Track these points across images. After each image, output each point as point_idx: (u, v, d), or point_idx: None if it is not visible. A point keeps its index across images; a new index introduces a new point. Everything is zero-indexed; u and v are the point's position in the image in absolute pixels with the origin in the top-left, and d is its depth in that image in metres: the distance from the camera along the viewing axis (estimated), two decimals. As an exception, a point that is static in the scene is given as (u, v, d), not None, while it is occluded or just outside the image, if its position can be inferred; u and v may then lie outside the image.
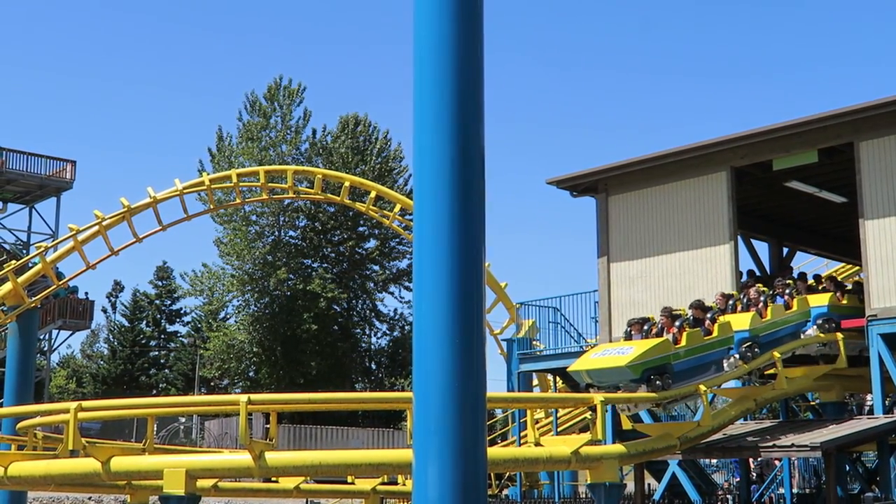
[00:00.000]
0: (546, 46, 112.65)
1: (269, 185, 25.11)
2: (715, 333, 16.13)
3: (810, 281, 20.18)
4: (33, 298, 22.02)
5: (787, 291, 18.59)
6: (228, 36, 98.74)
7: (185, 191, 22.89)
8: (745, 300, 17.90)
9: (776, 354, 17.33)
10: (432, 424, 5.71)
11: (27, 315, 22.06)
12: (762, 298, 17.75)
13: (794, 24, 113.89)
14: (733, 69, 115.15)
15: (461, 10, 5.97)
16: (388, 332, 53.54)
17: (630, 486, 21.08)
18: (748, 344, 16.57)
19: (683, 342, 15.46)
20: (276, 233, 49.06)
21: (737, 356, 16.37)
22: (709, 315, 16.52)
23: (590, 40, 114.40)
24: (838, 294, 19.05)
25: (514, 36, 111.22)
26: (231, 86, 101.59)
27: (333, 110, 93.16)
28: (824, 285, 19.63)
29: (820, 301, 18.68)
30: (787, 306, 18.23)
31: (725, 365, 16.25)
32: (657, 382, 14.57)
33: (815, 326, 18.32)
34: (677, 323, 15.74)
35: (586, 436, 14.29)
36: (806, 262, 28.81)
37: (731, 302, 17.83)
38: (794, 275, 23.67)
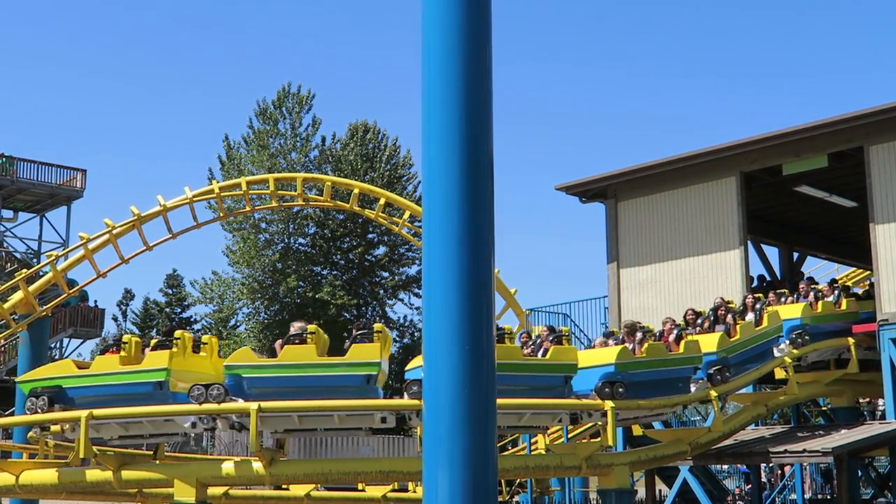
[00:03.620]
0: (554, 51, 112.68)
1: (279, 192, 25.14)
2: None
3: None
4: (44, 307, 22.05)
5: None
6: (239, 44, 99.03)
7: (194, 199, 22.90)
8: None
9: (787, 360, 17.25)
10: (442, 431, 5.70)
11: (38, 324, 22.09)
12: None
13: (804, 28, 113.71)
14: (742, 74, 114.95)
15: (469, 16, 5.97)
16: (397, 338, 53.50)
17: (641, 492, 21.04)
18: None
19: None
20: (286, 240, 49.08)
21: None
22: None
23: (598, 45, 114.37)
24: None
25: (522, 41, 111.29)
26: (241, 94, 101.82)
27: (343, 118, 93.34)
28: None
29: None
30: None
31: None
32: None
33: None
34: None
35: (597, 442, 14.25)
36: (816, 267, 28.76)
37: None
38: (805, 279, 23.62)
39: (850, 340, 18.39)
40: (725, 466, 31.35)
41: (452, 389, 5.71)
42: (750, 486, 26.57)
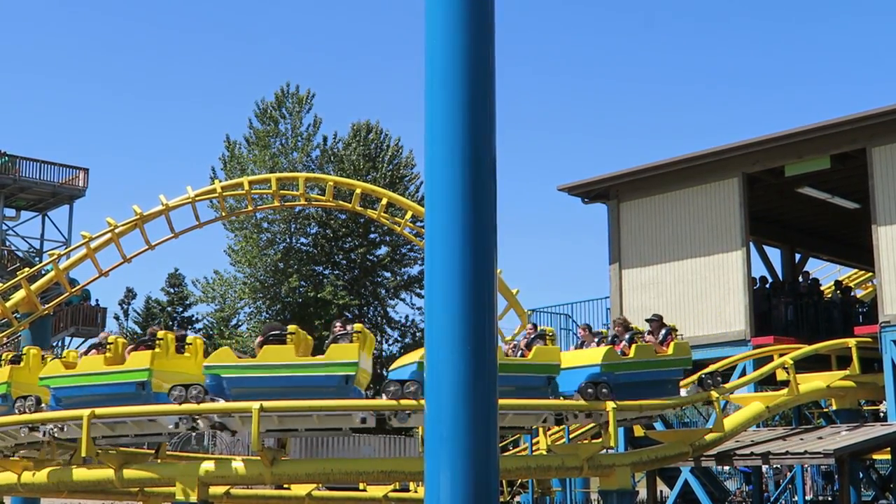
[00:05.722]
0: (557, 52, 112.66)
1: (281, 192, 25.15)
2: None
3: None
4: (46, 306, 22.08)
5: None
6: (242, 43, 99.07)
7: (196, 198, 22.92)
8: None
9: (789, 361, 17.23)
10: (444, 431, 5.70)
11: (40, 322, 22.11)
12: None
13: (807, 30, 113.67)
14: (745, 75, 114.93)
15: (473, 17, 5.98)
16: (399, 338, 53.46)
17: (642, 493, 21.03)
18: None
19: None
20: (288, 240, 49.07)
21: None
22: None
23: (601, 46, 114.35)
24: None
25: (525, 42, 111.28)
26: (244, 93, 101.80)
27: (345, 118, 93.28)
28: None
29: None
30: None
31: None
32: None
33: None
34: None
35: (598, 442, 14.24)
36: (818, 269, 28.74)
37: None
38: (809, 280, 23.63)
39: (852, 342, 18.41)
40: (727, 467, 31.31)
41: (454, 390, 5.71)
42: (752, 488, 26.55)
